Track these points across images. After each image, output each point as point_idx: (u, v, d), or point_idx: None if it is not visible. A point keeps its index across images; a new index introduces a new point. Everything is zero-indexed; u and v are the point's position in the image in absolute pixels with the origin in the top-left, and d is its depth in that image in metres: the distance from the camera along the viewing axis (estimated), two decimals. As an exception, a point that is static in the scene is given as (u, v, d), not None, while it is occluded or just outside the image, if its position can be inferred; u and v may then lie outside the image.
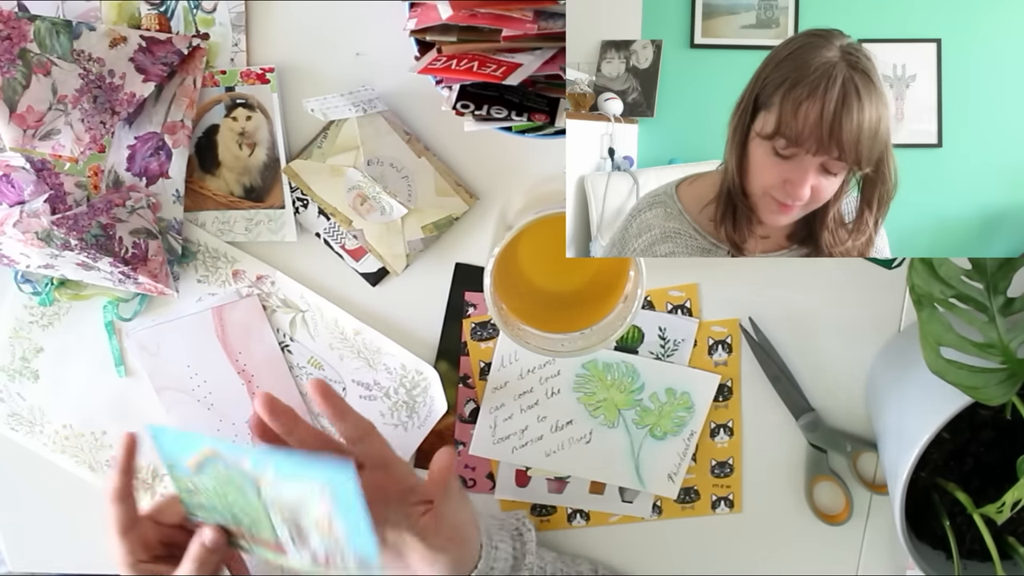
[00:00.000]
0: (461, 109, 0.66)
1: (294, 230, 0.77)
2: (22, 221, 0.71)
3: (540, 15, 0.61)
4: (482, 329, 0.79)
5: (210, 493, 0.63)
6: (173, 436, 0.62)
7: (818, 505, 0.82)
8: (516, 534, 0.75)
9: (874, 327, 0.78)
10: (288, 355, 0.80)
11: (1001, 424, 0.71)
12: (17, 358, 0.81)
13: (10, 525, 0.85)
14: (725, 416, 0.80)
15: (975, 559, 0.73)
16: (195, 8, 0.74)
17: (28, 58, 0.72)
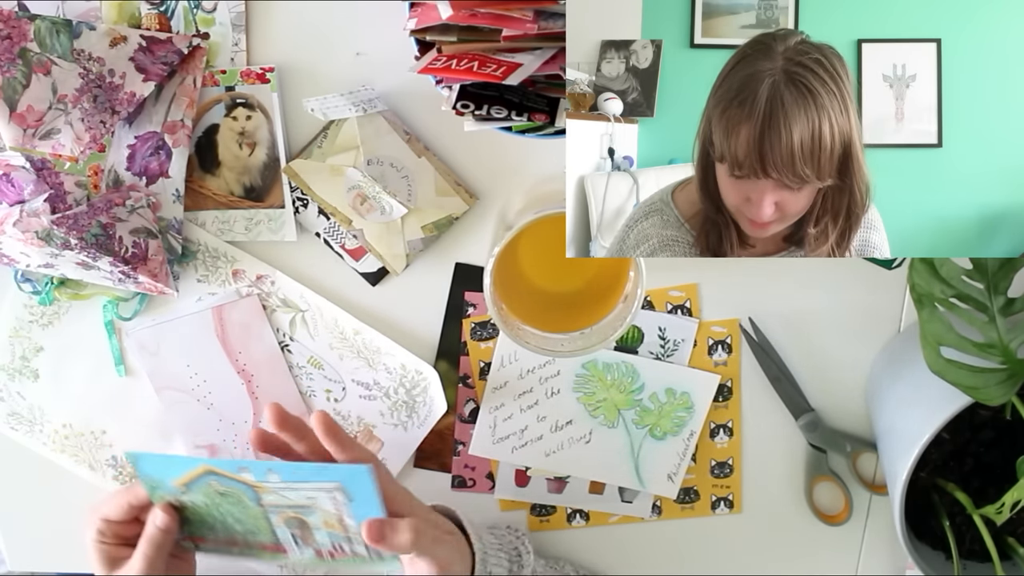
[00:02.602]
0: (461, 109, 0.66)
1: (294, 230, 0.77)
2: (22, 220, 0.71)
3: (540, 15, 0.61)
4: (482, 329, 0.79)
5: (199, 508, 0.65)
6: (155, 460, 0.64)
7: (818, 505, 0.82)
8: (515, 555, 0.74)
9: (874, 327, 0.78)
10: (288, 355, 0.80)
11: (1001, 424, 0.71)
12: (17, 357, 0.81)
13: (10, 525, 0.85)
14: (725, 416, 0.80)
15: (975, 559, 0.73)
16: (195, 8, 0.74)
17: (28, 57, 0.72)
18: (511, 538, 0.76)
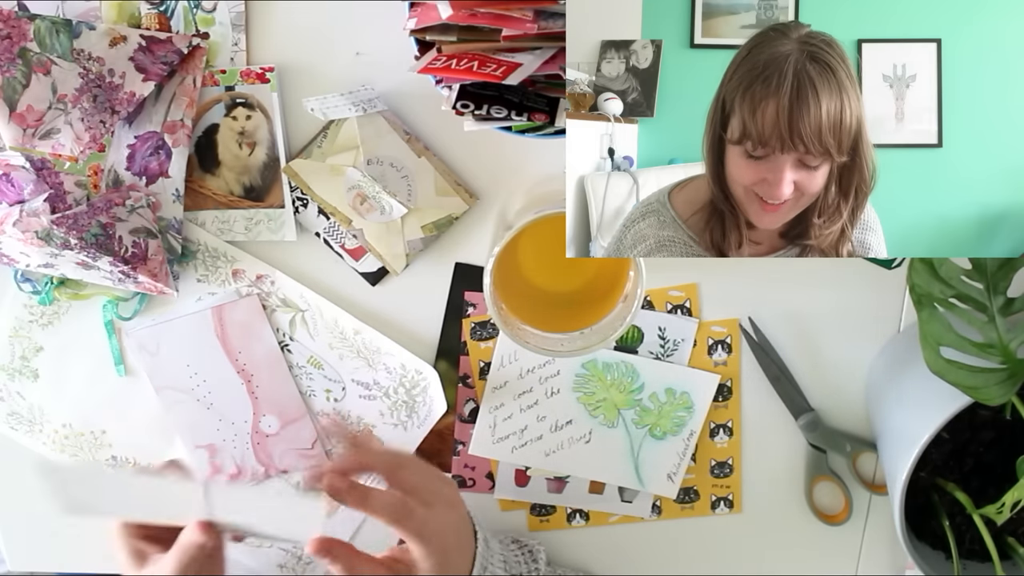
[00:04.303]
0: (461, 109, 0.66)
1: (294, 230, 0.77)
2: (22, 220, 0.71)
3: (540, 15, 0.61)
4: (482, 329, 0.79)
5: None
6: None
7: (818, 505, 0.82)
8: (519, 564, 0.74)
9: (874, 327, 0.78)
10: (288, 354, 0.80)
11: (1001, 424, 0.71)
12: (17, 357, 0.81)
13: (10, 525, 0.85)
14: (725, 416, 0.80)
15: (975, 559, 0.73)
16: (195, 7, 0.74)
17: (28, 57, 0.72)
18: (517, 555, 0.76)
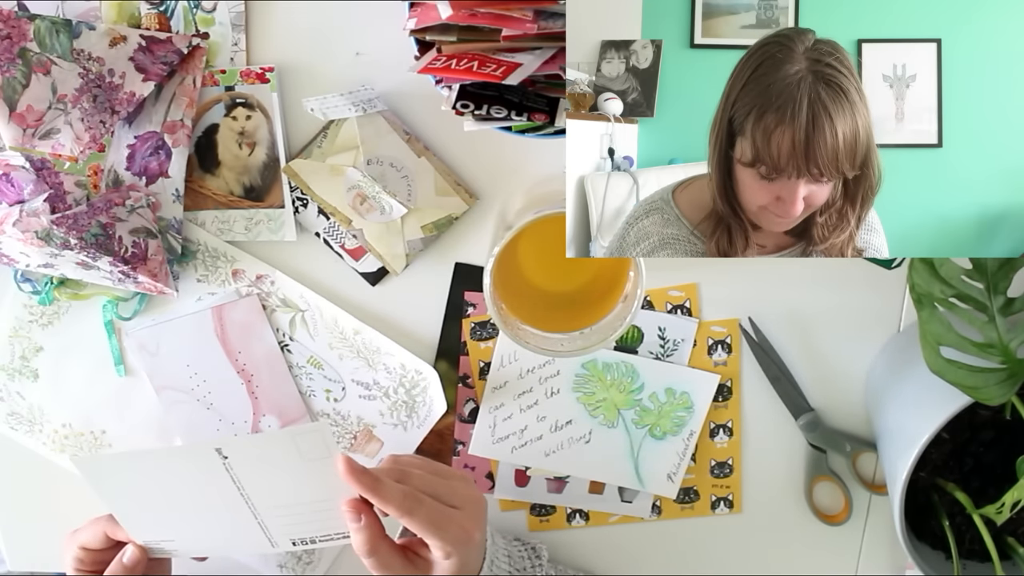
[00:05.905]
0: (461, 109, 0.66)
1: (294, 230, 0.77)
2: (22, 220, 0.71)
3: (540, 15, 0.61)
4: (482, 329, 0.79)
5: None
6: None
7: (817, 505, 0.82)
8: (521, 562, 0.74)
9: (874, 327, 0.78)
10: (288, 354, 0.80)
11: (1001, 424, 0.71)
12: (17, 357, 0.81)
13: (10, 525, 0.85)
14: (725, 416, 0.80)
15: (974, 559, 0.73)
16: (195, 7, 0.74)
17: (28, 57, 0.72)
18: (523, 552, 0.76)
